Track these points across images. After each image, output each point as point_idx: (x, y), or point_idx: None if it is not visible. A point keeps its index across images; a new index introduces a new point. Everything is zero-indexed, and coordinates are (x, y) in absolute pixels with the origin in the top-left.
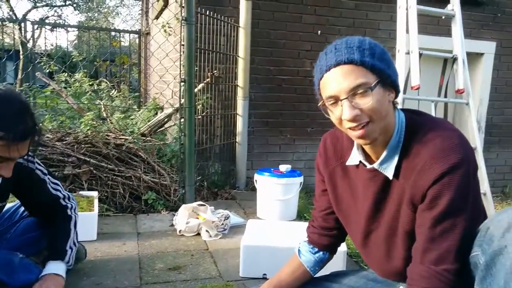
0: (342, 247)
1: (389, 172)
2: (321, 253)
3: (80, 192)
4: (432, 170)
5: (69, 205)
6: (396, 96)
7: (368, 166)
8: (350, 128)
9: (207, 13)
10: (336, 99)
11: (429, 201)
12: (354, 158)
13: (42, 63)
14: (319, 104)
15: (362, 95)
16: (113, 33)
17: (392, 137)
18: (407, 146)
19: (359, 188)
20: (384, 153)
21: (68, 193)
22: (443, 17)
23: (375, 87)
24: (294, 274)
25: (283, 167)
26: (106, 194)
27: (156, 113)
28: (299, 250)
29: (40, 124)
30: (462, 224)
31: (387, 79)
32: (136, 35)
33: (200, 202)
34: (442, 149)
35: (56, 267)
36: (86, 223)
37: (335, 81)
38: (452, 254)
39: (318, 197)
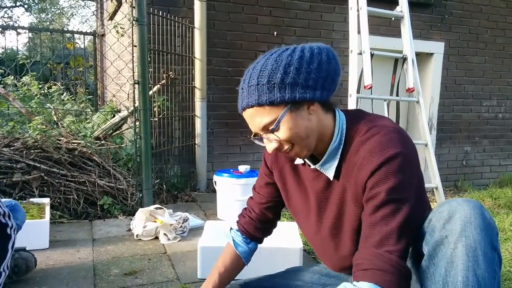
0: (298, 244)
1: (330, 173)
2: (253, 243)
3: (31, 199)
4: (370, 163)
5: (9, 224)
6: (326, 100)
7: (311, 166)
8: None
9: (160, 14)
10: (258, 135)
11: (369, 191)
12: None
13: None
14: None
15: (273, 130)
16: (68, 35)
17: (331, 140)
18: (347, 147)
19: (307, 186)
20: (325, 156)
21: (9, 210)
22: (393, 19)
23: (282, 118)
24: (233, 267)
25: (242, 168)
26: (59, 201)
27: (114, 116)
28: (234, 241)
29: None
30: (404, 211)
31: (296, 102)
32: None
33: (158, 205)
34: (379, 144)
35: None
36: (37, 230)
37: (249, 122)
38: (394, 236)
39: (259, 189)
